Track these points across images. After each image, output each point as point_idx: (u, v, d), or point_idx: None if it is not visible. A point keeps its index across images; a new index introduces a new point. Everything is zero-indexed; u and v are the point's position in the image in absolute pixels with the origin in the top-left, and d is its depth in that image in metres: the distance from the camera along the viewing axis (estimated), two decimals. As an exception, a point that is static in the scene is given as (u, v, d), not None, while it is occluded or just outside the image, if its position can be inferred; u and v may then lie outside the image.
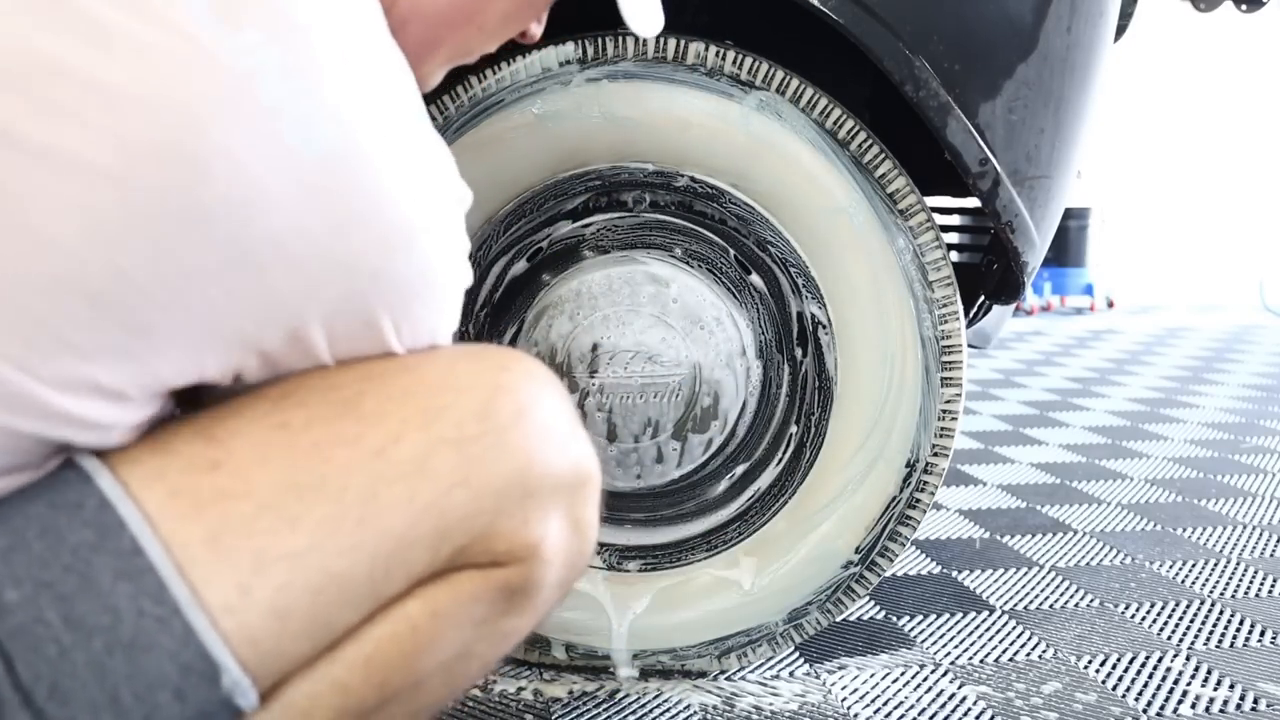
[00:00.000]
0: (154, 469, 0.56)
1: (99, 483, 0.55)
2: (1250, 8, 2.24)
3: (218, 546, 0.55)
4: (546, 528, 0.64)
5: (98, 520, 0.54)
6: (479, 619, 0.65)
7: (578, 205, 1.20)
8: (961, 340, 1.14)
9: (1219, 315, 5.32)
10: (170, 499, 0.55)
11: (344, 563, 0.58)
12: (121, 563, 0.53)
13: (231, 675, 0.55)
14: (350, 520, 0.58)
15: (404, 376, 0.62)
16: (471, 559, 0.63)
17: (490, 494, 0.61)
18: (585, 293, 1.21)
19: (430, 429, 0.61)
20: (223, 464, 0.57)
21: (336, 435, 0.59)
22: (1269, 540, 1.71)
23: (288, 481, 0.57)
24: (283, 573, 0.56)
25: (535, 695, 1.17)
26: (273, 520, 0.56)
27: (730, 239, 1.20)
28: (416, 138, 0.60)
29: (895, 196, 1.11)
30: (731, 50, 1.08)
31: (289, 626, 0.57)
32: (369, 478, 0.59)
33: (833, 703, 1.16)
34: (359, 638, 0.61)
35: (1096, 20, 1.15)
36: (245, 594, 0.55)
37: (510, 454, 0.62)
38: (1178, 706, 1.15)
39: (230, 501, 0.56)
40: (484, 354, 0.66)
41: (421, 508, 0.60)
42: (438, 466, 0.60)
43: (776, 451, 1.24)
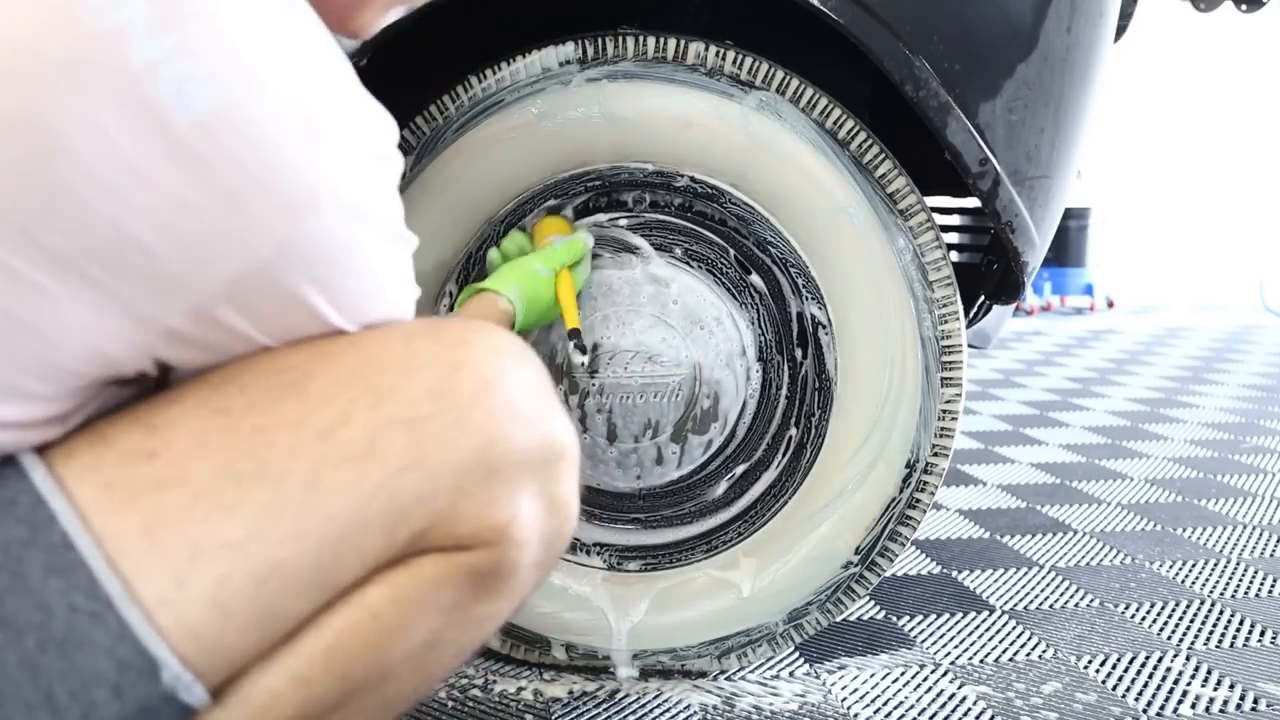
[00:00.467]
0: (90, 461, 0.55)
1: (33, 478, 0.54)
2: (1250, 8, 2.24)
3: (152, 538, 0.53)
4: (516, 508, 0.62)
5: (30, 516, 0.52)
6: (448, 605, 0.62)
7: (578, 205, 1.20)
8: (961, 340, 1.14)
9: (1219, 315, 5.32)
10: (104, 491, 0.54)
11: (287, 550, 0.55)
12: (52, 558, 0.52)
13: (172, 670, 0.53)
14: (292, 506, 0.56)
15: (353, 354, 0.59)
16: (434, 543, 0.60)
17: (448, 474, 0.59)
18: (585, 293, 1.21)
19: (380, 409, 0.58)
20: (159, 453, 0.55)
21: (279, 419, 0.57)
22: (1269, 540, 1.71)
23: (226, 468, 0.55)
24: (221, 563, 0.54)
25: (535, 695, 1.17)
26: (208, 509, 0.54)
27: (730, 239, 1.20)
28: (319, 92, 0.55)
29: (895, 196, 1.11)
30: (731, 50, 1.08)
31: (232, 619, 0.54)
32: (312, 462, 0.56)
33: (833, 703, 1.16)
34: (318, 628, 0.59)
35: (1096, 20, 1.15)
36: (181, 586, 0.53)
37: (469, 432, 0.59)
38: (1178, 706, 1.15)
39: (166, 491, 0.54)
40: (444, 328, 0.63)
41: (370, 491, 0.57)
42: (387, 448, 0.57)
43: (776, 452, 1.24)
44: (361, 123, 0.58)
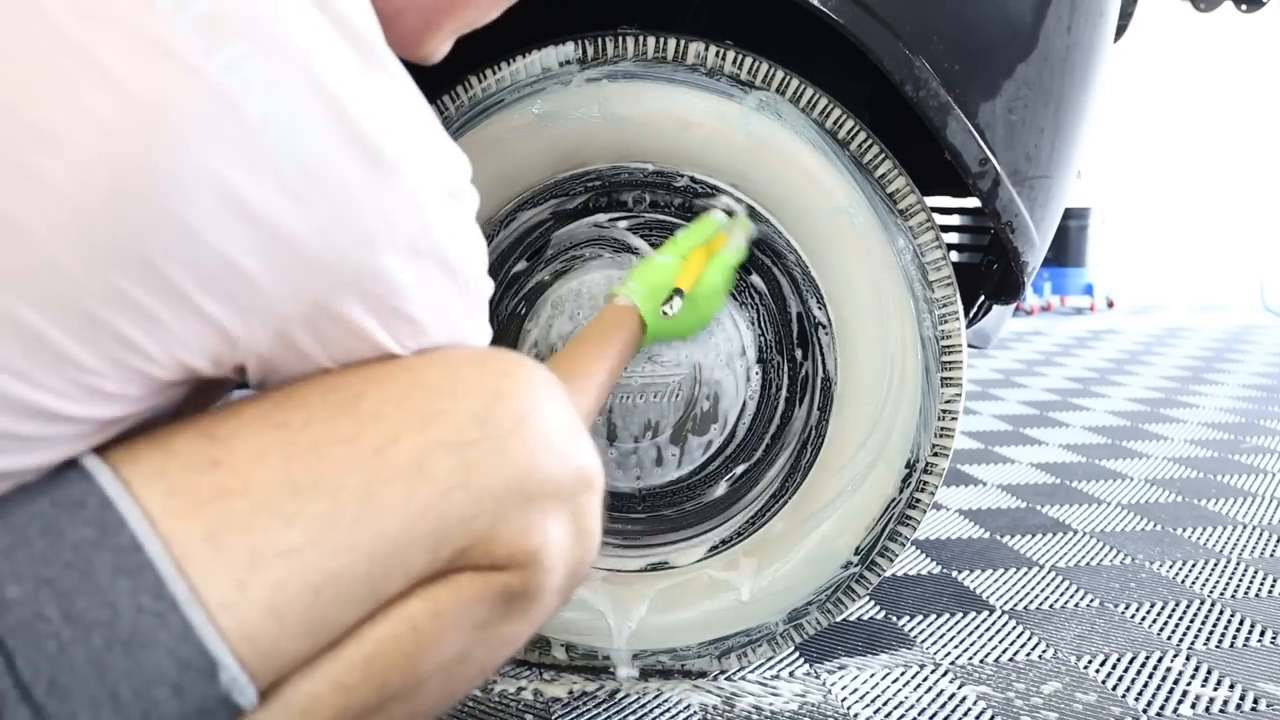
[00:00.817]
0: (154, 467, 0.57)
1: (100, 481, 0.56)
2: (1250, 8, 2.24)
3: (215, 543, 0.56)
4: (547, 534, 0.65)
5: (99, 518, 0.55)
6: (479, 622, 0.65)
7: (578, 205, 1.20)
8: (961, 340, 1.14)
9: (1219, 315, 5.32)
10: (170, 497, 0.56)
11: (341, 561, 0.58)
12: (121, 559, 0.54)
13: (229, 671, 0.55)
14: (346, 518, 0.58)
15: (404, 378, 0.63)
16: (472, 561, 0.63)
17: (489, 498, 0.62)
18: (585, 292, 1.21)
19: (428, 431, 0.61)
20: (222, 462, 0.58)
21: (334, 434, 0.60)
22: (1269, 540, 1.71)
23: (285, 479, 0.58)
24: (279, 569, 0.56)
25: (535, 695, 1.17)
26: (269, 517, 0.57)
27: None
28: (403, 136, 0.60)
29: (895, 196, 1.11)
30: (731, 50, 1.08)
31: (287, 624, 0.57)
32: (365, 477, 0.59)
33: (833, 703, 1.16)
34: (359, 637, 0.61)
35: (1096, 20, 1.15)
36: (242, 590, 0.56)
37: (509, 460, 0.62)
38: (1178, 706, 1.15)
39: (228, 499, 0.57)
40: (488, 359, 0.66)
41: (419, 509, 0.60)
42: (436, 469, 0.60)
43: (775, 451, 1.25)
44: (439, 163, 0.63)
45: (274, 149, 0.55)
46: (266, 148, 0.55)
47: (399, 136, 0.60)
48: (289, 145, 0.55)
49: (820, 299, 1.17)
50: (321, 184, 0.56)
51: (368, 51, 0.60)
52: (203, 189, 0.53)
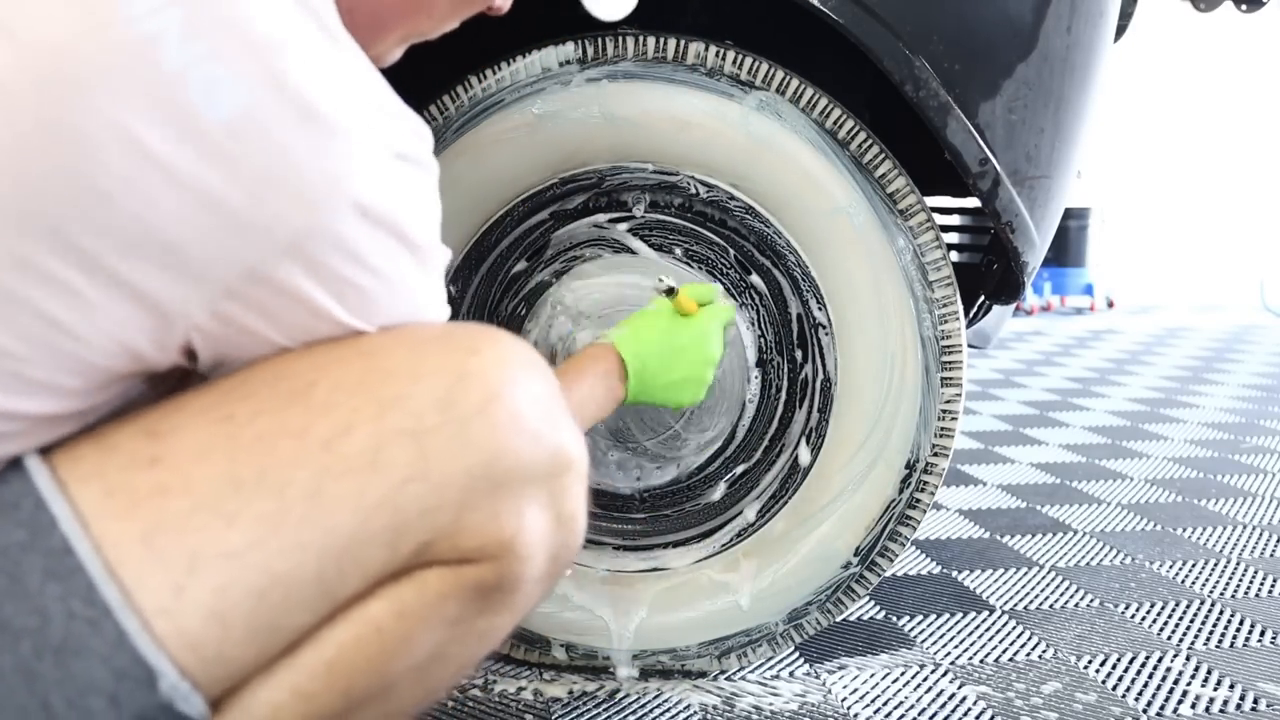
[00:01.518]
0: (93, 466, 0.54)
1: (37, 481, 0.53)
2: (1250, 8, 2.24)
3: (151, 545, 0.53)
4: (521, 521, 0.61)
5: (31, 519, 0.52)
6: (452, 618, 0.62)
7: (577, 205, 1.20)
8: (961, 340, 1.14)
9: (1219, 315, 5.32)
10: (105, 497, 0.53)
11: (288, 562, 0.55)
12: (51, 563, 0.52)
13: (169, 680, 0.53)
14: (293, 517, 0.55)
15: (361, 363, 0.59)
16: (438, 556, 0.60)
17: (453, 487, 0.58)
18: (586, 292, 1.21)
19: (384, 419, 0.57)
20: (161, 459, 0.55)
21: (282, 427, 0.56)
22: (1269, 540, 1.71)
23: (227, 476, 0.55)
24: (220, 573, 0.53)
25: (535, 695, 1.17)
26: (209, 517, 0.54)
27: (730, 239, 1.20)
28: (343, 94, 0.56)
29: (895, 196, 1.11)
30: (731, 50, 1.08)
31: (231, 629, 0.54)
32: (314, 472, 0.56)
33: (833, 703, 1.16)
34: (319, 641, 0.58)
35: (1096, 20, 1.15)
36: (179, 595, 0.53)
37: (474, 445, 0.58)
38: (1178, 706, 1.15)
39: (166, 498, 0.54)
40: (455, 336, 0.62)
41: (373, 503, 0.56)
42: (391, 460, 0.57)
43: (775, 452, 1.24)
44: (386, 125, 0.58)
45: (194, 102, 0.50)
46: (185, 101, 0.50)
47: (340, 95, 0.55)
48: (211, 99, 0.51)
49: (820, 299, 1.17)
50: (251, 140, 0.52)
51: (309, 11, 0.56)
52: (111, 146, 0.49)
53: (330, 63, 0.56)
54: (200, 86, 0.50)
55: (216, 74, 0.51)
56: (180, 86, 0.50)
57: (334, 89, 0.55)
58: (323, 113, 0.54)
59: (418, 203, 0.60)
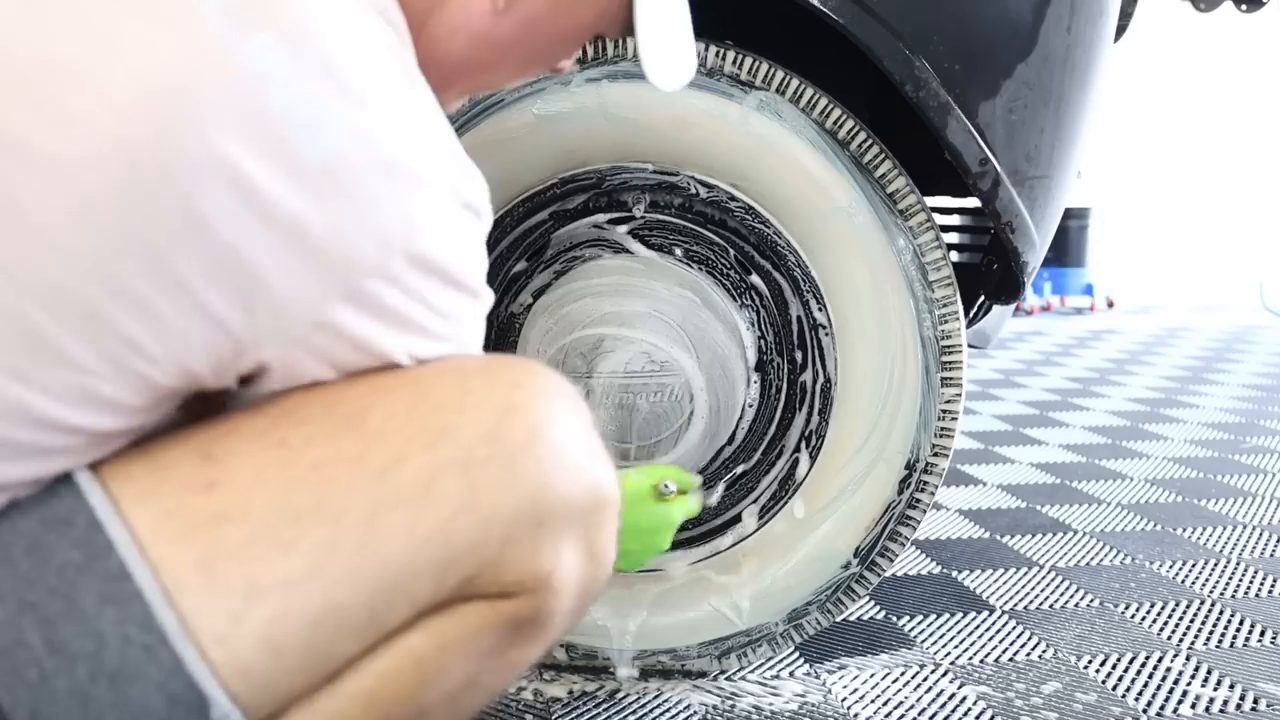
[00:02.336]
0: (148, 486, 0.54)
1: (90, 500, 0.53)
2: (1250, 8, 2.24)
3: (209, 572, 0.53)
4: (559, 557, 0.61)
5: (87, 540, 0.52)
6: (486, 650, 0.62)
7: (577, 205, 1.20)
8: (961, 340, 1.14)
9: (1219, 315, 5.32)
10: (162, 520, 0.53)
11: (342, 592, 0.55)
12: (108, 586, 0.51)
13: (221, 709, 0.53)
14: (349, 546, 0.55)
15: (410, 391, 0.59)
16: (479, 590, 0.60)
17: (499, 522, 0.58)
18: (586, 293, 1.21)
19: (436, 450, 0.57)
20: (218, 484, 0.55)
21: (337, 454, 0.56)
22: (1269, 540, 1.71)
23: (284, 503, 0.55)
24: (277, 601, 0.53)
25: (535, 695, 1.17)
26: (267, 545, 0.54)
27: (730, 240, 1.20)
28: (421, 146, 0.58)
29: (895, 196, 1.11)
30: (731, 50, 1.08)
31: (284, 658, 0.54)
32: (369, 501, 0.56)
33: (833, 703, 1.16)
34: (360, 670, 0.58)
35: (1096, 20, 1.15)
36: (237, 623, 0.53)
37: (520, 480, 0.59)
38: (1178, 706, 1.15)
39: (224, 525, 0.54)
40: (498, 369, 0.62)
41: (425, 535, 0.57)
42: (443, 491, 0.57)
43: (776, 453, 1.24)
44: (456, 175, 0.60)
45: (294, 141, 0.52)
46: (286, 139, 0.52)
47: (418, 144, 0.57)
48: (310, 139, 0.53)
49: (820, 300, 1.17)
50: (340, 181, 0.54)
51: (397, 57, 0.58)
52: (217, 177, 0.51)
53: (411, 112, 0.58)
54: (302, 126, 0.53)
55: (316, 118, 0.53)
56: (284, 124, 0.52)
57: (413, 139, 0.57)
58: (402, 163, 0.56)
59: (476, 251, 0.62)
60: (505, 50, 0.70)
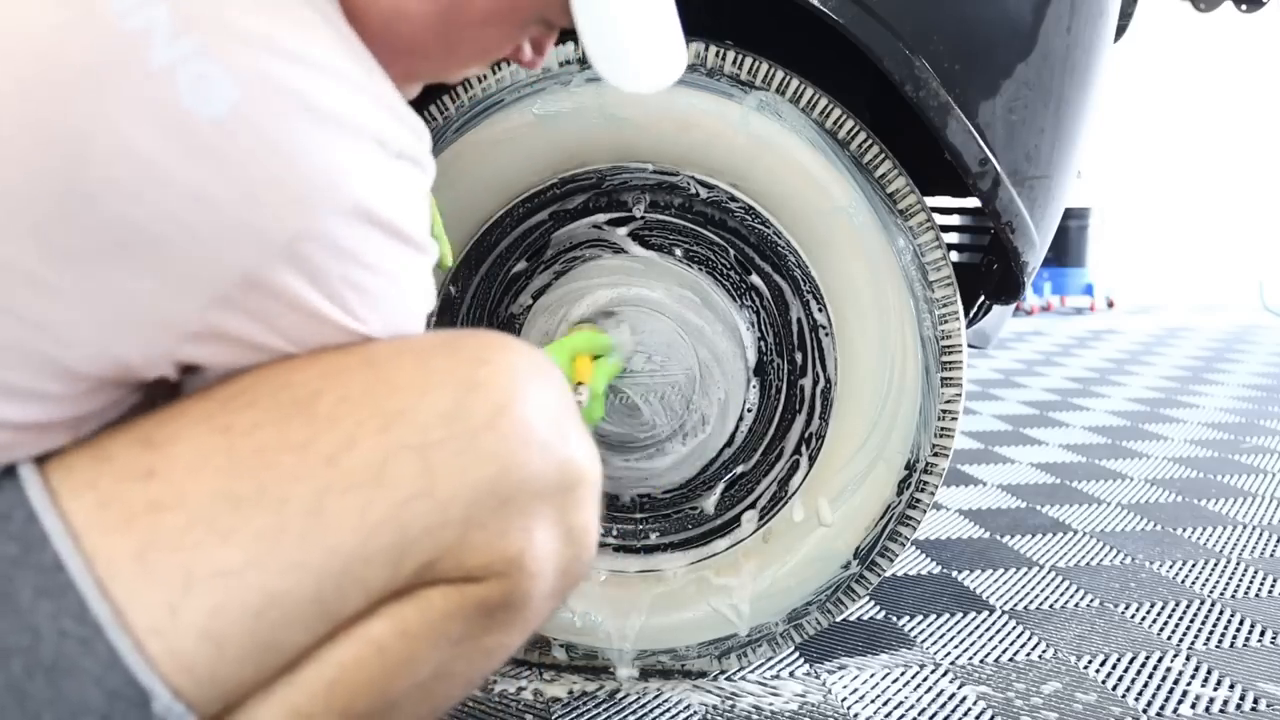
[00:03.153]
0: (87, 477, 0.53)
1: (29, 493, 0.52)
2: (1250, 8, 2.24)
3: (145, 562, 0.51)
4: (530, 538, 0.58)
5: (23, 533, 0.51)
6: (457, 637, 0.60)
7: (577, 205, 1.20)
8: (961, 340, 1.14)
9: (1219, 315, 5.32)
10: (99, 510, 0.52)
11: (286, 581, 0.53)
12: (43, 579, 0.50)
13: (163, 701, 0.51)
14: (292, 534, 0.53)
15: (366, 374, 0.56)
16: (443, 574, 0.58)
17: (458, 504, 0.56)
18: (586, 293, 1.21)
19: (389, 433, 0.55)
20: (157, 471, 0.53)
21: (283, 440, 0.54)
22: (1269, 540, 1.71)
23: (224, 491, 0.53)
24: (216, 592, 0.52)
25: (535, 695, 1.17)
26: (204, 533, 0.52)
27: (730, 240, 1.20)
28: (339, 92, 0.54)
29: (895, 196, 1.11)
30: (731, 50, 1.08)
31: (226, 649, 0.52)
32: (314, 488, 0.54)
33: (833, 703, 1.16)
34: (319, 660, 0.57)
35: (1096, 20, 1.15)
36: (174, 614, 0.51)
37: (482, 459, 0.56)
38: (1178, 706, 1.15)
39: (161, 513, 0.52)
40: (462, 344, 0.60)
41: (376, 521, 0.54)
42: (396, 475, 0.55)
43: (776, 453, 1.24)
44: (386, 122, 0.56)
45: (183, 100, 0.49)
46: (173, 98, 0.49)
47: (337, 88, 0.54)
48: (201, 96, 0.49)
49: (820, 300, 1.17)
50: (243, 138, 0.50)
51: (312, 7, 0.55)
52: (96, 144, 0.48)
53: (327, 53, 0.54)
54: (189, 83, 0.49)
55: (206, 70, 0.49)
56: (168, 84, 0.49)
57: (330, 82, 0.53)
58: (318, 106, 0.52)
59: (414, 202, 0.59)
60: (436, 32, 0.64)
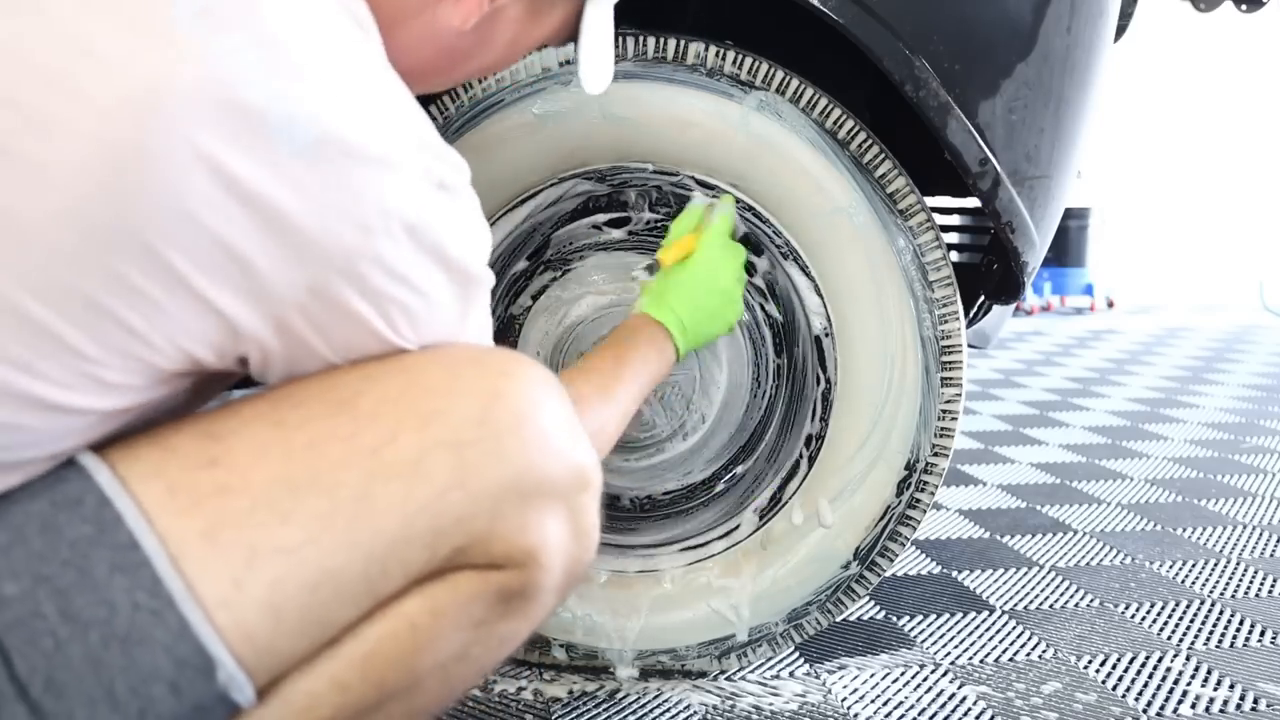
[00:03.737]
0: (153, 465, 0.58)
1: (98, 479, 0.56)
2: (1250, 8, 2.24)
3: (212, 540, 0.56)
4: (545, 533, 0.65)
5: (96, 515, 0.55)
6: (477, 620, 0.65)
7: (577, 205, 1.20)
8: (961, 340, 1.14)
9: (1219, 315, 5.32)
10: (168, 494, 0.56)
11: (338, 559, 0.58)
12: (118, 556, 0.54)
13: (227, 669, 0.56)
14: (344, 516, 0.59)
15: (401, 378, 0.63)
16: (470, 560, 0.63)
17: (486, 497, 0.62)
18: (586, 293, 1.21)
19: (426, 431, 0.61)
20: (220, 460, 0.58)
21: (331, 433, 0.60)
22: (1269, 540, 1.71)
23: (282, 477, 0.58)
24: (277, 567, 0.57)
25: (535, 695, 1.17)
26: (266, 515, 0.57)
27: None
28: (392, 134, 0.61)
29: (895, 196, 1.11)
30: (731, 50, 1.08)
31: (284, 621, 0.57)
32: (362, 475, 0.59)
33: (833, 703, 1.16)
34: (358, 635, 0.61)
35: (1096, 20, 1.15)
36: (239, 588, 0.56)
37: (507, 459, 0.63)
38: (1178, 706, 1.15)
39: (226, 496, 0.57)
40: (487, 358, 0.67)
41: (416, 508, 0.60)
42: (433, 468, 0.61)
43: (776, 453, 1.24)
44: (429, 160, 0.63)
45: (269, 134, 0.55)
46: (261, 133, 0.55)
47: (390, 133, 0.60)
48: (284, 132, 0.55)
49: (820, 299, 1.17)
50: (319, 170, 0.57)
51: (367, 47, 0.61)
52: (198, 171, 0.54)
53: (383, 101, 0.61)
54: (279, 121, 0.55)
55: (292, 112, 0.56)
56: (260, 120, 0.55)
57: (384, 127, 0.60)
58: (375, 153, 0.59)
59: (462, 230, 0.65)
60: (465, 59, 0.75)
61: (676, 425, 1.23)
